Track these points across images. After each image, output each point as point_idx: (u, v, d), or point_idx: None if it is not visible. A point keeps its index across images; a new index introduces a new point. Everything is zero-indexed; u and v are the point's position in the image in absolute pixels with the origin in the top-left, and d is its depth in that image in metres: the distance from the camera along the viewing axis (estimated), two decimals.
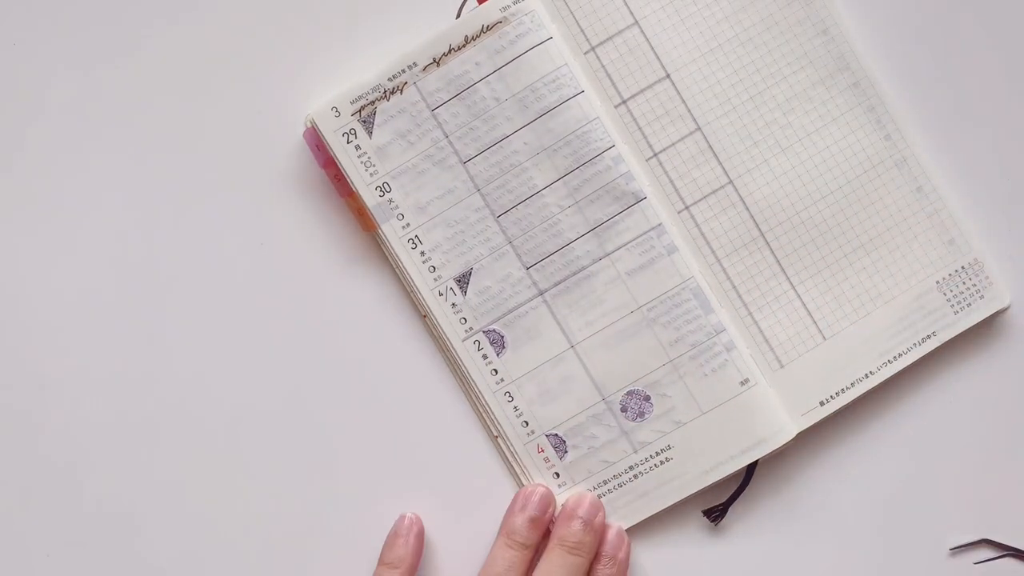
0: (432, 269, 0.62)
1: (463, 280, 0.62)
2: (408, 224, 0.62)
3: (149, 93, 0.63)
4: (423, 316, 0.62)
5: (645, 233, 0.61)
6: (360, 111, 0.61)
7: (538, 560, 0.60)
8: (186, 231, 0.63)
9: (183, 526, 0.63)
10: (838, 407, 0.61)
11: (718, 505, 0.62)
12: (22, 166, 0.63)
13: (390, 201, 0.62)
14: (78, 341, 0.63)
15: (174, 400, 0.63)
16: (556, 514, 0.61)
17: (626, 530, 0.61)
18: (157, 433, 0.63)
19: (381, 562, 0.60)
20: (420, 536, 0.61)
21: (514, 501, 0.61)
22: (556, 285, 0.62)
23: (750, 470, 0.61)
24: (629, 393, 0.61)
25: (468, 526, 0.62)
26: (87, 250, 0.63)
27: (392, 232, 0.62)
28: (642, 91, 0.61)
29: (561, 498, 0.61)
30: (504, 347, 0.62)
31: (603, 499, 0.61)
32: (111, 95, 0.63)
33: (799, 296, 0.61)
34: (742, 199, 0.61)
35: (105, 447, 0.63)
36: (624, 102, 0.61)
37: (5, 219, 0.63)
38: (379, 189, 0.61)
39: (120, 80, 0.63)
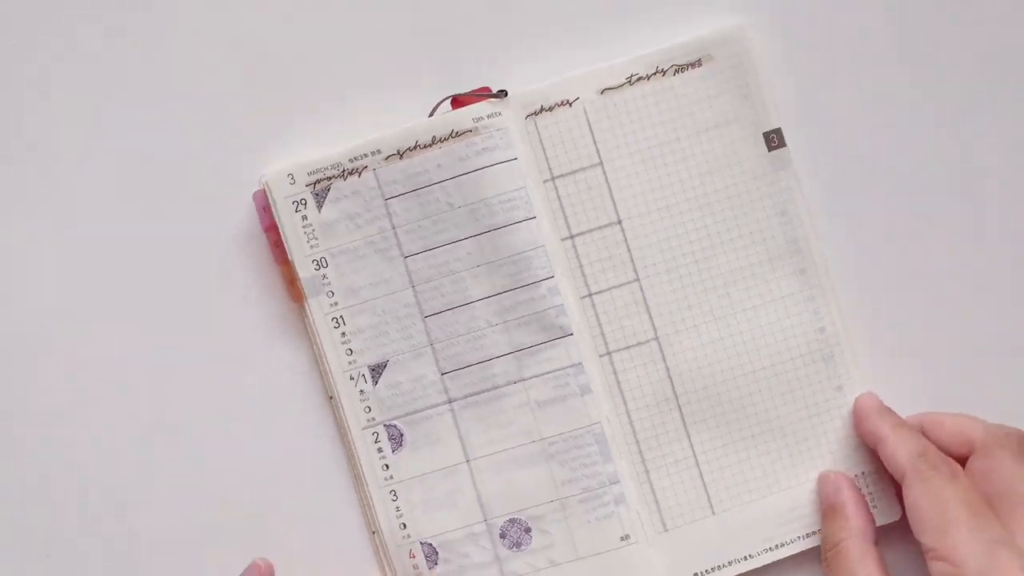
0: (349, 352, 0.62)
1: (377, 370, 0.62)
2: (336, 303, 0.62)
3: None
4: (329, 397, 0.62)
5: (564, 368, 0.61)
6: (315, 184, 0.61)
7: None
8: (120, 272, 0.63)
9: (184, 525, 0.63)
10: None
11: None
12: None
13: (324, 277, 0.62)
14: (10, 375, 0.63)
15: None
16: None
17: None
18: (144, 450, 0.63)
19: None
20: None
21: None
22: (467, 397, 0.62)
23: None
24: (511, 520, 0.61)
25: None
26: (15, 288, 0.63)
27: (319, 307, 0.62)
28: (591, 230, 0.61)
29: None
30: (401, 445, 0.62)
31: None
32: (68, 135, 0.63)
33: (698, 465, 0.61)
34: (664, 358, 0.61)
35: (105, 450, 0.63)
36: (571, 237, 0.61)
37: None
38: (316, 263, 0.62)
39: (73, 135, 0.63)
